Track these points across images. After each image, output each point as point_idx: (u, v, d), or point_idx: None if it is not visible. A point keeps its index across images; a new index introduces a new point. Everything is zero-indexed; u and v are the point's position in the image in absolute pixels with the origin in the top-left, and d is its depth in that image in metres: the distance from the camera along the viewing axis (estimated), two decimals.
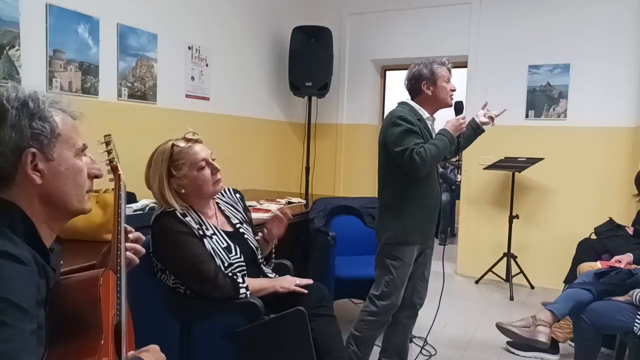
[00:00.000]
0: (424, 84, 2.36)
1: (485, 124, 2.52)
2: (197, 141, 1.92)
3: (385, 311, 2.39)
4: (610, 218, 3.55)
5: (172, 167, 1.86)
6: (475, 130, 2.52)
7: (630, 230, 3.31)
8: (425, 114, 2.39)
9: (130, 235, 1.29)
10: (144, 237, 1.35)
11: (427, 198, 2.36)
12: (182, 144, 1.88)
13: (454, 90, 2.41)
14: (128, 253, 1.26)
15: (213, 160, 1.93)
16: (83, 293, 1.07)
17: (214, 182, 1.92)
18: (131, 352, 1.14)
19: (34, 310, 0.92)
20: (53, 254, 1.09)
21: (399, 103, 2.43)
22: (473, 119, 2.52)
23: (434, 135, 2.35)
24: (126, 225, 1.27)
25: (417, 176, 2.25)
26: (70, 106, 1.08)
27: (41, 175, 1.01)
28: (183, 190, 1.89)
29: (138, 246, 1.31)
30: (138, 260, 1.30)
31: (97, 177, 1.13)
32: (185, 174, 1.86)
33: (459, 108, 2.41)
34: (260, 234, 2.16)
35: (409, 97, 2.45)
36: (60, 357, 1.02)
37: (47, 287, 1.01)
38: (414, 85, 2.40)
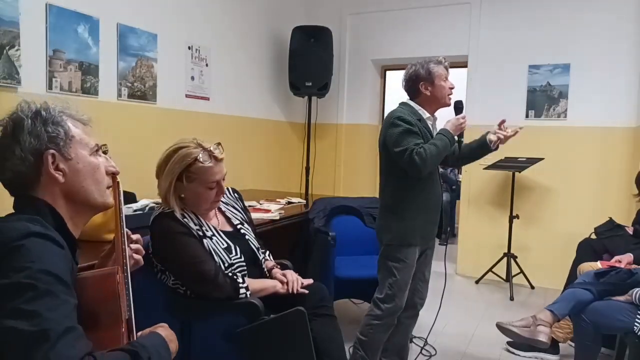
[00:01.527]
0: (422, 85, 2.35)
1: (494, 142, 2.39)
2: (221, 160, 1.91)
3: (390, 314, 2.38)
4: (610, 218, 3.54)
5: (184, 175, 1.87)
6: (482, 148, 2.43)
7: (630, 230, 3.30)
8: (425, 114, 2.38)
9: (133, 246, 1.33)
10: (142, 239, 1.39)
11: (429, 199, 2.36)
12: (205, 160, 1.86)
13: (452, 88, 2.39)
14: (135, 255, 1.32)
15: (223, 180, 1.94)
16: (102, 287, 1.12)
17: (212, 201, 1.95)
18: (146, 330, 1.20)
19: (73, 288, 0.99)
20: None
21: (399, 104, 2.42)
22: (486, 137, 2.41)
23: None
24: (127, 230, 1.31)
25: (418, 176, 2.24)
26: (79, 112, 1.19)
27: (63, 174, 1.11)
28: (183, 195, 1.91)
29: (140, 247, 1.36)
30: (143, 262, 1.37)
31: (114, 174, 1.23)
32: (192, 186, 1.88)
33: (458, 107, 2.40)
34: (271, 265, 2.16)
35: (408, 97, 2.44)
36: None
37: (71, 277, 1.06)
38: (412, 87, 2.39)
